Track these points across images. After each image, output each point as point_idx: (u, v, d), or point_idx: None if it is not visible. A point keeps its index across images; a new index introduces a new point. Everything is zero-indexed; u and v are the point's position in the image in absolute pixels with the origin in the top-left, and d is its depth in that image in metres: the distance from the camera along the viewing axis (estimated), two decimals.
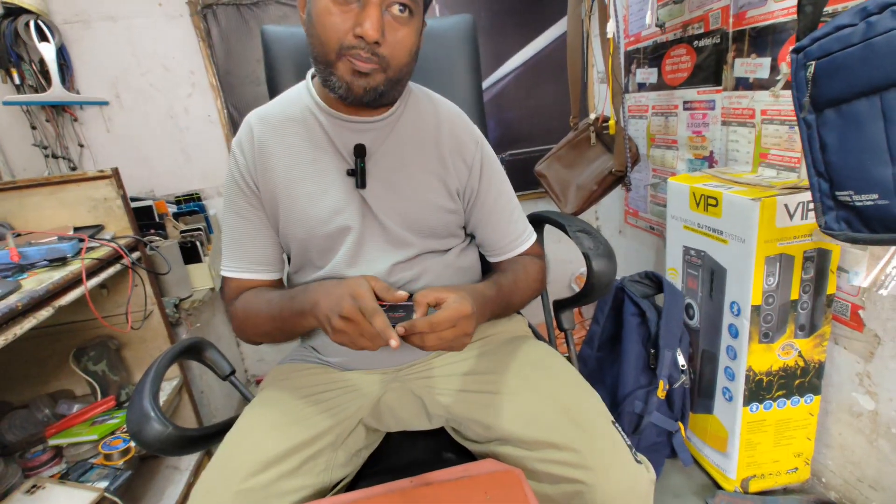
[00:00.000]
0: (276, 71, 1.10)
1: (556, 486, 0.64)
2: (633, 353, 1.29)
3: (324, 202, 0.76)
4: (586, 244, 0.94)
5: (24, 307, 0.87)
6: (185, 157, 1.80)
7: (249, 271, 0.80)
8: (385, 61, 0.66)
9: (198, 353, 0.92)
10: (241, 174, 0.77)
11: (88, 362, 1.26)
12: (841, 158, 0.65)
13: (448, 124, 0.80)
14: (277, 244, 0.81)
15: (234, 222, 0.79)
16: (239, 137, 0.78)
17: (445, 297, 0.63)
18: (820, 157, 0.68)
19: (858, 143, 0.63)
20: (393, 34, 0.65)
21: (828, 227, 0.70)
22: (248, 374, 2.08)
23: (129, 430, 0.73)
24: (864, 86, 0.62)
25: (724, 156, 1.36)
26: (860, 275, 0.80)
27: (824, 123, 0.67)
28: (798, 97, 0.69)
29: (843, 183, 0.65)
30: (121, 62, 1.67)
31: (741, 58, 1.22)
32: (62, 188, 1.24)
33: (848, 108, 0.64)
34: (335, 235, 0.76)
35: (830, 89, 0.65)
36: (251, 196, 0.78)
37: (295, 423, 0.71)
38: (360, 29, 0.63)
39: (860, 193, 0.64)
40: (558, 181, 1.61)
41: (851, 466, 1.15)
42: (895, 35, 0.58)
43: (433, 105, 0.81)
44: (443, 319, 0.60)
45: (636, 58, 1.69)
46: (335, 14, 0.63)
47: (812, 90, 0.67)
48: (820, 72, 0.66)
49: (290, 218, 0.77)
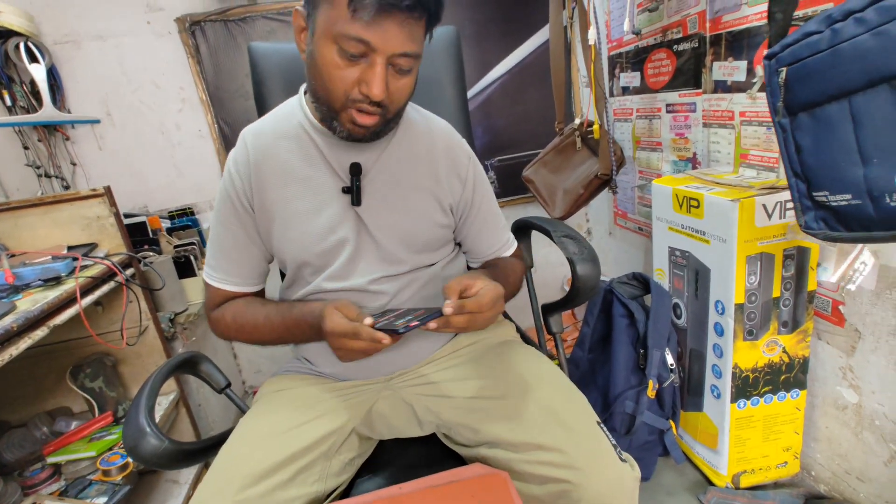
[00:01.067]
0: (265, 87, 1.12)
1: (544, 487, 0.66)
2: (623, 353, 1.31)
3: (319, 220, 0.77)
4: (571, 249, 0.96)
5: (20, 328, 0.88)
6: (177, 172, 1.82)
7: (234, 284, 0.82)
8: (386, 109, 0.69)
9: (193, 367, 0.93)
10: (235, 193, 0.78)
11: (85, 379, 1.28)
12: (816, 160, 0.67)
13: (442, 141, 0.82)
14: (262, 258, 0.83)
15: (222, 234, 0.81)
16: (234, 155, 0.79)
17: (473, 283, 0.67)
18: (796, 158, 0.70)
19: (831, 145, 0.65)
20: (396, 84, 0.67)
21: (807, 226, 0.72)
22: (246, 386, 2.09)
23: (126, 445, 0.74)
24: (834, 90, 0.64)
25: (706, 157, 1.38)
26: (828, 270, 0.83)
27: (799, 127, 0.69)
28: (773, 102, 0.72)
29: (819, 184, 0.68)
30: (111, 80, 1.69)
31: (719, 61, 1.25)
32: (55, 208, 1.25)
33: (820, 111, 0.67)
34: (330, 252, 0.78)
35: (803, 94, 0.68)
36: (244, 215, 0.79)
37: (288, 434, 0.73)
38: (366, 88, 0.65)
39: (835, 194, 0.66)
40: (546, 186, 1.63)
41: (839, 459, 1.17)
42: (860, 41, 0.61)
43: (426, 122, 0.83)
44: (488, 300, 0.65)
45: (619, 62, 1.72)
46: (342, 68, 0.65)
47: (785, 95, 0.69)
48: (792, 77, 0.68)
49: (285, 235, 0.78)
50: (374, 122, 0.69)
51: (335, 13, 0.62)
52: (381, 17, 0.60)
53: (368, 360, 0.81)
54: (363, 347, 0.66)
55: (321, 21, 0.64)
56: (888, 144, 0.58)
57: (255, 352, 2.05)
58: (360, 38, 0.61)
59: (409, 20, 0.62)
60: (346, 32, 0.61)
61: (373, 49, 0.62)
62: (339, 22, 0.61)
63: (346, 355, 0.69)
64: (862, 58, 0.59)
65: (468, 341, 0.87)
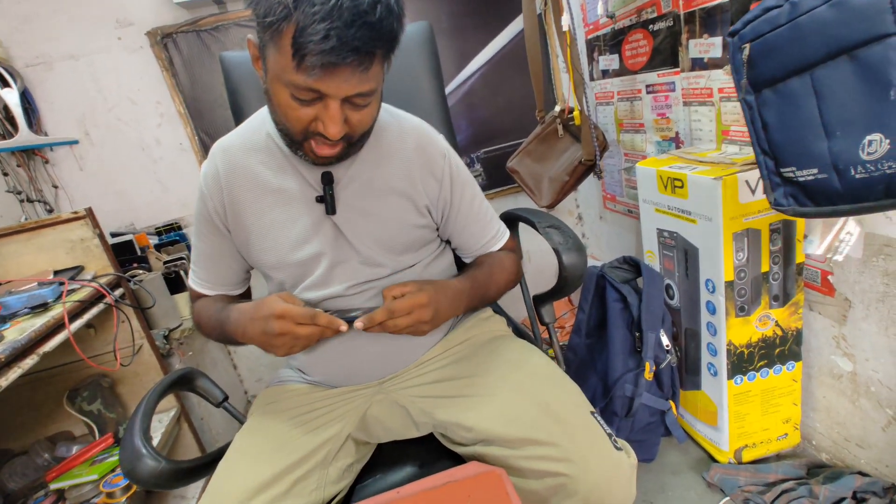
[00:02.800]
0: (239, 96, 1.11)
1: (541, 481, 0.66)
2: (619, 337, 1.31)
3: (294, 230, 0.77)
4: (556, 239, 0.96)
5: (8, 358, 0.87)
6: (161, 188, 1.81)
7: (212, 289, 0.87)
8: (350, 137, 0.68)
9: (189, 384, 0.93)
10: (208, 214, 0.79)
11: (83, 403, 1.27)
12: (782, 136, 0.67)
13: (413, 140, 0.81)
14: (240, 266, 0.86)
15: (200, 247, 0.84)
16: (204, 173, 0.79)
17: (408, 289, 0.72)
18: (763, 135, 0.70)
19: (796, 120, 0.65)
20: (356, 116, 0.66)
21: (777, 203, 0.72)
22: (249, 395, 2.09)
23: (123, 469, 0.74)
24: (796, 64, 0.64)
25: (689, 136, 1.38)
26: (814, 242, 0.83)
27: (764, 103, 0.69)
28: (737, 79, 0.71)
29: (786, 159, 0.68)
30: (86, 100, 1.67)
31: (694, 38, 1.24)
32: (38, 233, 1.25)
33: (783, 86, 0.66)
34: (307, 262, 0.78)
35: (766, 70, 0.67)
36: (218, 232, 0.81)
37: (283, 446, 0.73)
38: (322, 128, 0.64)
39: (801, 169, 0.66)
40: (531, 175, 1.62)
41: (838, 427, 1.18)
42: (818, 13, 0.60)
43: (396, 122, 0.82)
44: (398, 308, 0.69)
45: (597, 45, 1.71)
46: (297, 109, 0.64)
47: (748, 72, 0.69)
48: (754, 53, 0.68)
49: (261, 247, 0.78)
50: (338, 152, 0.69)
51: (283, 60, 0.59)
52: (326, 70, 0.58)
53: (361, 366, 0.81)
54: (312, 333, 0.68)
55: (271, 63, 0.62)
56: (850, 116, 0.58)
57: (254, 360, 2.05)
58: (310, 87, 0.60)
59: (357, 68, 0.59)
60: (295, 83, 0.60)
61: (324, 94, 0.61)
62: (287, 71, 0.60)
63: (287, 342, 0.69)
64: (821, 30, 0.58)
65: (458, 340, 0.87)
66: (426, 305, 0.71)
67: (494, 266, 0.88)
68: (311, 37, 0.56)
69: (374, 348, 0.80)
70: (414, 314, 0.70)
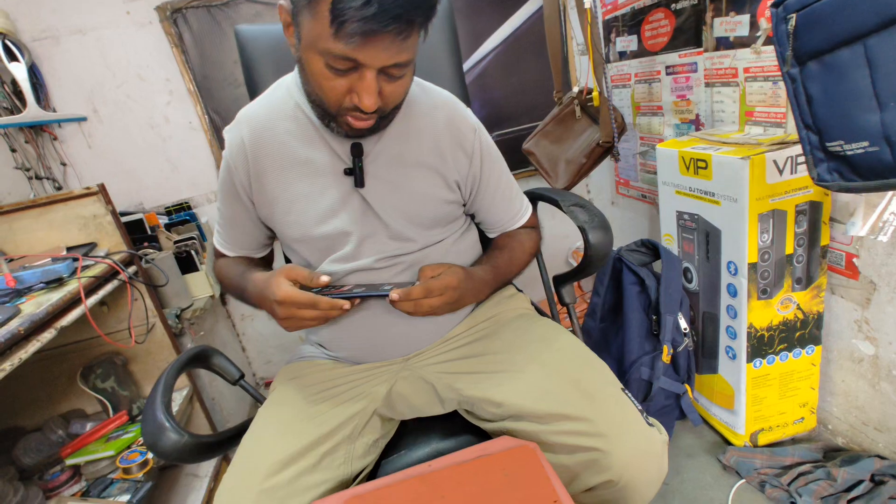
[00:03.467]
0: (255, 71, 1.09)
1: (573, 456, 0.65)
2: (636, 321, 1.30)
3: (322, 202, 0.76)
4: (581, 218, 0.95)
5: (27, 331, 0.86)
6: (170, 167, 1.78)
7: (233, 251, 0.88)
8: (382, 110, 0.67)
9: (205, 361, 0.92)
10: (233, 184, 0.78)
11: (96, 380, 1.27)
12: (828, 110, 0.65)
13: (444, 115, 0.79)
14: (262, 234, 0.86)
15: (225, 213, 0.84)
16: (230, 142, 0.78)
17: (442, 269, 0.73)
18: (807, 110, 0.68)
19: (843, 92, 0.63)
20: (390, 88, 0.64)
21: (820, 178, 0.70)
22: (257, 378, 2.09)
23: (146, 442, 0.74)
24: (846, 34, 0.62)
25: (710, 117, 1.36)
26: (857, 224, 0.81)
27: (808, 76, 0.67)
28: (781, 52, 0.69)
29: (832, 133, 0.66)
30: (94, 75, 1.64)
31: (720, 17, 1.22)
32: (50, 209, 1.23)
33: (830, 58, 0.64)
34: (334, 235, 0.77)
35: (812, 41, 0.65)
36: (243, 203, 0.80)
37: (309, 420, 0.72)
38: (357, 99, 0.62)
39: (850, 143, 0.64)
40: (547, 157, 1.60)
41: (856, 411, 1.17)
42: None
43: (427, 96, 0.80)
44: (434, 287, 0.69)
45: (615, 26, 1.68)
46: (332, 79, 0.62)
47: (794, 43, 0.67)
48: (800, 24, 0.66)
49: (286, 220, 0.77)
50: (372, 125, 0.68)
51: (319, 27, 0.58)
52: (366, 38, 0.56)
53: (386, 342, 0.80)
54: (316, 316, 0.68)
55: (306, 31, 0.60)
56: None
57: (263, 342, 2.04)
58: (347, 56, 0.58)
59: (397, 37, 0.58)
60: (332, 51, 0.58)
61: (361, 64, 0.60)
62: (324, 38, 0.58)
63: (294, 324, 0.70)
64: None
65: (484, 317, 0.86)
66: (455, 288, 0.72)
67: (515, 249, 0.89)
68: (350, 2, 0.54)
69: (400, 325, 0.79)
70: (445, 295, 0.70)
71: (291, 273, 0.71)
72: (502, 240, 0.90)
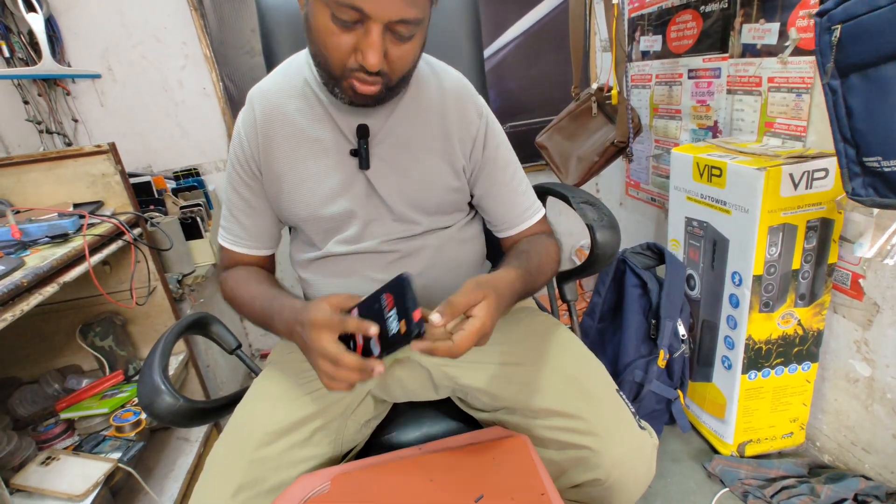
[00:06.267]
0: (273, 40, 1.07)
1: (562, 452, 0.66)
2: (635, 323, 1.30)
3: (328, 182, 0.75)
4: (590, 216, 0.94)
5: (30, 284, 0.87)
6: (181, 132, 1.78)
7: (243, 246, 0.82)
8: (388, 77, 0.64)
9: (204, 328, 0.92)
10: (244, 157, 0.76)
11: (95, 338, 1.27)
12: (868, 124, 0.64)
13: (453, 98, 0.78)
14: (273, 223, 0.82)
15: (234, 198, 0.80)
16: (243, 117, 0.77)
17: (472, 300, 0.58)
18: (846, 122, 0.67)
19: (887, 108, 0.62)
20: (396, 51, 0.62)
21: (854, 193, 0.69)
22: (253, 349, 2.11)
23: (141, 402, 0.74)
24: (894, 49, 0.60)
25: (728, 125, 1.34)
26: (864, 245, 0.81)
27: (850, 89, 0.66)
28: (822, 63, 0.68)
29: (871, 149, 0.65)
30: (111, 33, 1.63)
31: (749, 23, 1.20)
32: (59, 164, 1.22)
33: (875, 72, 0.63)
34: (339, 217, 0.76)
35: (856, 54, 0.64)
36: (252, 180, 0.77)
37: (304, 395, 0.72)
38: (362, 58, 0.60)
39: (889, 159, 0.63)
40: (559, 153, 1.59)
41: (846, 430, 1.18)
42: None
43: (437, 78, 0.79)
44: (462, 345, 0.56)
45: (640, 24, 1.65)
46: (337, 35, 0.60)
47: (837, 55, 0.65)
48: (845, 36, 0.64)
49: (293, 199, 0.76)
50: (376, 91, 0.65)
51: None
52: None
53: None
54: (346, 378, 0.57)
55: None
56: None
57: None
58: (352, 4, 0.56)
59: None
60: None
61: (367, 16, 0.57)
62: None
63: (329, 383, 0.58)
64: None
65: None
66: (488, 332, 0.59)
67: (543, 258, 0.77)
68: None
69: None
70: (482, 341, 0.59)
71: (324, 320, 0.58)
72: (526, 244, 0.80)
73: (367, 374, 0.56)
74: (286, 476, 0.64)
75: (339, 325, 0.57)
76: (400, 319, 0.54)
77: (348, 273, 0.79)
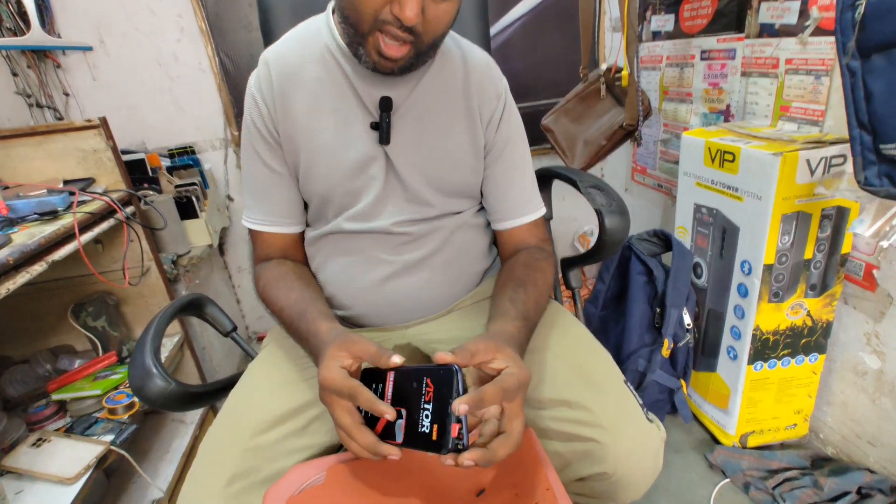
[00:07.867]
0: (271, 14, 1.02)
1: (568, 444, 0.63)
2: (639, 311, 1.28)
3: (347, 156, 0.71)
4: (599, 200, 0.90)
5: (16, 262, 0.83)
6: (176, 108, 1.72)
7: (272, 224, 0.76)
8: (419, 37, 0.60)
9: (198, 310, 0.90)
10: (262, 121, 0.71)
11: (87, 318, 1.25)
12: (888, 108, 0.60)
13: (476, 75, 0.74)
14: (295, 195, 0.76)
15: (253, 171, 0.74)
16: (257, 79, 0.71)
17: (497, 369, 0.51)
18: (864, 107, 0.63)
19: None
20: (434, 10, 0.58)
21: (867, 182, 0.66)
22: (250, 331, 2.08)
23: (132, 386, 0.72)
24: None
25: (741, 109, 1.30)
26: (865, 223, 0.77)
27: (871, 70, 0.62)
28: (842, 41, 0.64)
29: (890, 135, 0.61)
30: (103, 4, 1.57)
31: (767, 2, 1.15)
32: (49, 138, 1.18)
33: None
34: (356, 192, 0.72)
35: (881, 33, 0.60)
36: (273, 144, 0.72)
37: (301, 382, 0.70)
38: (398, 9, 0.56)
39: None
40: (565, 136, 1.55)
41: (851, 423, 1.16)
42: None
43: (462, 53, 0.74)
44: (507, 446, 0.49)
45: (652, 3, 1.59)
46: None
47: (859, 34, 0.61)
48: (870, 13, 0.60)
49: (310, 171, 0.72)
50: (403, 54, 0.61)
51: None
52: None
53: (388, 306, 0.77)
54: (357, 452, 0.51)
55: None
56: None
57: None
58: None
59: None
60: None
61: None
62: None
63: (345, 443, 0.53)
64: None
65: (488, 293, 0.82)
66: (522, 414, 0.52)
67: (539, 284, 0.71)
68: None
69: (404, 290, 0.76)
70: None
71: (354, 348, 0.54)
72: (522, 271, 0.73)
73: (380, 458, 0.50)
74: (281, 466, 0.61)
75: (350, 393, 0.50)
76: (433, 423, 0.46)
77: (356, 251, 0.75)
